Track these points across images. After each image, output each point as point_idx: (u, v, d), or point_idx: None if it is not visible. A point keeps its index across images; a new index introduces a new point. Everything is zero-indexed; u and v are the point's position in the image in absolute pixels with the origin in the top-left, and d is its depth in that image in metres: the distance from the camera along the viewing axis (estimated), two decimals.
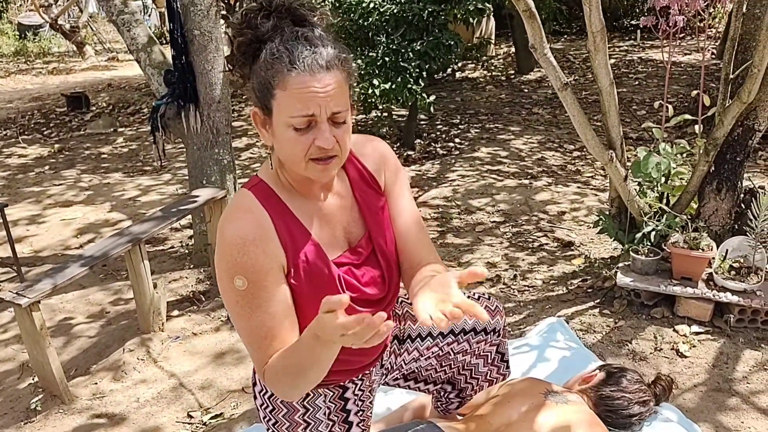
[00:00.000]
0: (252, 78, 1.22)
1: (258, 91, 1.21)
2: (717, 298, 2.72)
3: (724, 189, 2.89)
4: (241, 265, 1.21)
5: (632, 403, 2.02)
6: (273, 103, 1.18)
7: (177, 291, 3.28)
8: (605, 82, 2.63)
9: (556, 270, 3.40)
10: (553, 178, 4.84)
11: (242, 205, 1.27)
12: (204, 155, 3.38)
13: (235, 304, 1.25)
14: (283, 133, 1.18)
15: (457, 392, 1.90)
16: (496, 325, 1.81)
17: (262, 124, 1.24)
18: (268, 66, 1.17)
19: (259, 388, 1.51)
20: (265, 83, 1.18)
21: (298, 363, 1.19)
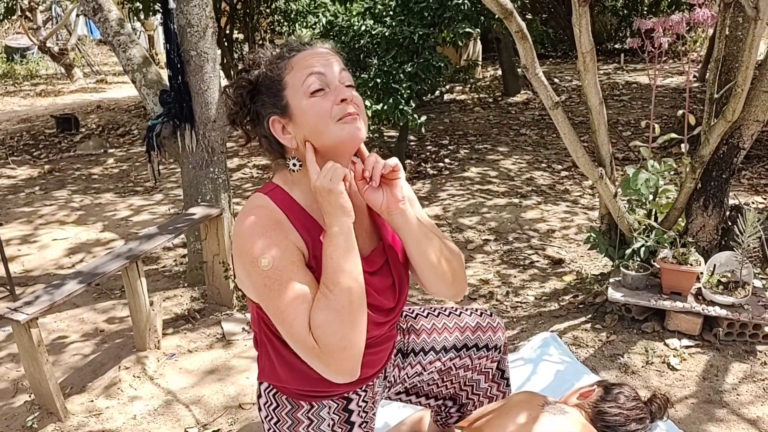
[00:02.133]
0: (257, 105, 1.33)
1: (269, 99, 1.31)
2: (706, 311, 2.77)
3: (710, 206, 2.96)
4: (265, 247, 1.24)
5: (629, 420, 2.05)
6: (286, 93, 1.29)
7: (171, 309, 3.29)
8: (595, 101, 2.70)
9: (547, 286, 3.45)
10: (542, 197, 4.91)
11: (258, 204, 1.32)
12: (199, 174, 3.40)
13: (265, 288, 1.24)
14: (304, 106, 1.27)
15: (458, 407, 1.93)
16: (498, 341, 1.85)
17: (282, 130, 1.31)
18: (271, 71, 1.31)
19: (264, 400, 1.53)
20: (273, 84, 1.31)
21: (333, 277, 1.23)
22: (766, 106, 2.75)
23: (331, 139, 1.28)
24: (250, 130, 1.39)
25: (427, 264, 1.42)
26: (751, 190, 4.77)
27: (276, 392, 1.50)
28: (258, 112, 1.34)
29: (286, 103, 1.30)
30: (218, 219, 3.11)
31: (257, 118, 1.35)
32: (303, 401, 1.48)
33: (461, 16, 5.24)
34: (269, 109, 1.31)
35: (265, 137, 1.36)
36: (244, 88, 1.35)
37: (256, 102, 1.34)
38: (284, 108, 1.30)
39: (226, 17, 8.01)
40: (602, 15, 12.01)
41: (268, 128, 1.33)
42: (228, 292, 3.22)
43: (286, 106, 1.30)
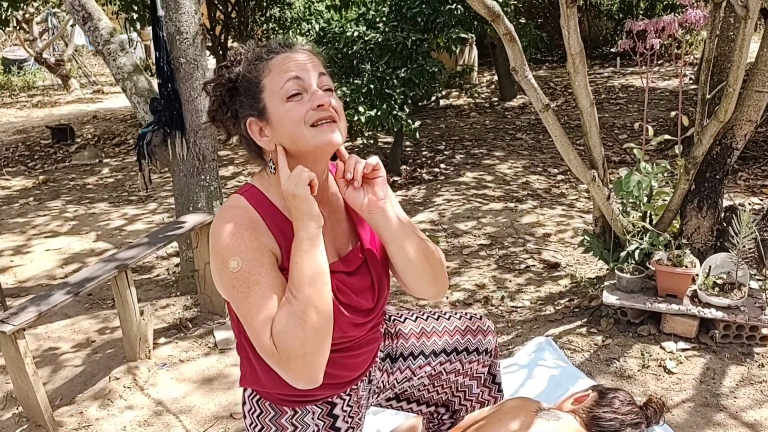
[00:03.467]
0: (235, 105, 1.32)
1: (246, 100, 1.30)
2: (702, 314, 2.75)
3: (705, 207, 2.94)
4: (235, 248, 1.24)
5: (624, 425, 2.02)
6: (263, 96, 1.28)
7: (164, 318, 3.26)
8: (585, 103, 2.68)
9: (543, 291, 3.42)
10: (538, 201, 4.89)
11: (233, 204, 1.31)
12: (190, 182, 3.38)
13: (233, 289, 1.24)
14: (280, 110, 1.27)
15: (450, 414, 1.90)
16: (488, 345, 1.82)
17: (259, 132, 1.30)
18: (249, 71, 1.30)
19: (248, 407, 1.50)
20: (250, 85, 1.29)
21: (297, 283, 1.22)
22: (758, 106, 2.73)
23: (306, 144, 1.27)
24: (231, 127, 1.37)
25: (408, 262, 1.41)
26: (748, 191, 4.75)
27: (259, 398, 1.47)
28: (236, 111, 1.33)
29: (263, 105, 1.29)
30: (209, 226, 3.08)
31: (235, 117, 1.33)
32: (286, 407, 1.45)
33: (454, 21, 5.23)
34: (247, 111, 1.31)
35: (243, 137, 1.35)
36: (223, 86, 1.33)
37: (234, 101, 1.33)
38: (261, 110, 1.29)
39: (221, 25, 8.01)
40: (598, 19, 12.03)
41: (245, 129, 1.32)
42: (220, 300, 3.19)
43: (264, 109, 1.29)
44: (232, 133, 1.38)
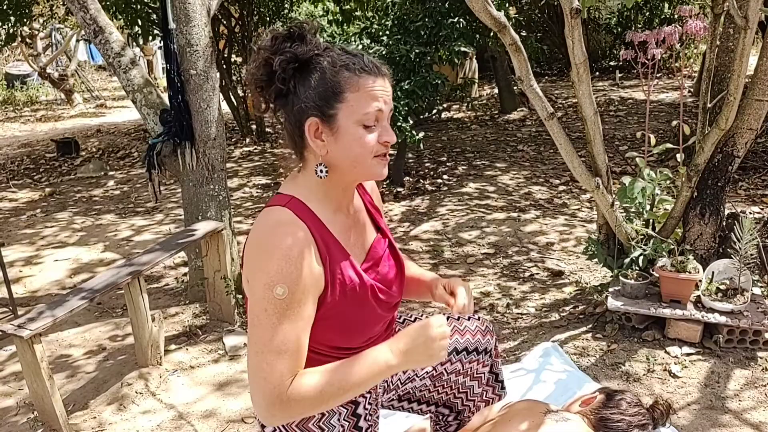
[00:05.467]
0: (298, 92, 1.27)
1: (317, 99, 1.26)
2: (705, 319, 2.79)
3: (707, 214, 2.98)
4: (288, 275, 1.22)
5: (632, 426, 2.05)
6: (339, 107, 1.26)
7: (174, 326, 3.30)
8: (589, 111, 2.74)
9: (548, 298, 3.46)
10: (540, 211, 4.94)
11: (285, 220, 1.27)
12: (199, 192, 3.43)
13: (263, 312, 1.23)
14: (353, 132, 1.26)
15: (455, 415, 1.93)
16: (487, 344, 1.86)
17: (316, 134, 1.28)
18: (333, 74, 1.26)
19: None
20: (330, 90, 1.25)
21: (345, 382, 1.27)
22: (758, 115, 2.79)
23: (364, 172, 1.31)
24: (273, 105, 1.31)
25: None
26: (749, 201, 4.80)
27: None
28: (299, 99, 1.27)
29: (335, 114, 1.26)
30: (219, 235, 3.13)
31: (291, 103, 1.29)
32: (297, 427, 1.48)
33: (457, 35, 5.30)
34: (313, 110, 1.27)
35: (290, 124, 1.31)
36: (290, 62, 1.26)
37: (299, 88, 1.27)
38: (330, 118, 1.26)
39: (225, 40, 8.10)
40: (597, 33, 12.16)
41: (300, 122, 1.29)
42: (229, 307, 3.24)
43: (333, 118, 1.26)
44: (272, 108, 1.33)
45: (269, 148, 7.81)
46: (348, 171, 1.31)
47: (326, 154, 1.29)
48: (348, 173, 1.32)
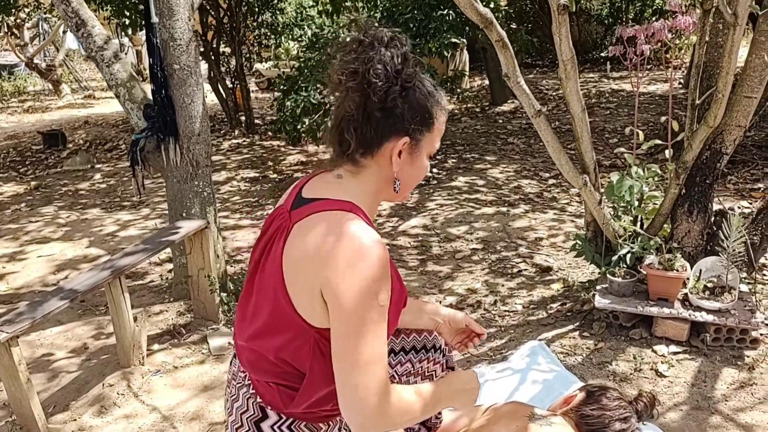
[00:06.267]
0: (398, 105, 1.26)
1: (416, 122, 1.28)
2: (693, 317, 2.77)
3: (695, 211, 2.96)
4: (386, 283, 1.24)
5: (613, 420, 2.03)
6: (426, 135, 1.31)
7: (157, 324, 3.26)
8: (577, 109, 2.70)
9: (535, 295, 3.44)
10: (530, 206, 4.92)
11: (365, 227, 1.26)
12: (184, 188, 3.39)
13: (369, 320, 1.21)
14: (423, 160, 1.34)
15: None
16: (435, 341, 1.83)
17: (396, 152, 1.30)
18: (426, 98, 1.30)
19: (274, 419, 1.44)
20: (427, 116, 1.30)
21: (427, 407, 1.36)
22: (747, 111, 2.77)
23: (404, 194, 1.38)
24: (356, 99, 1.25)
25: None
26: (737, 195, 4.79)
27: (293, 422, 1.41)
28: (395, 113, 1.26)
29: (421, 139, 1.31)
30: (203, 233, 3.09)
31: (387, 115, 1.26)
32: (322, 423, 1.44)
33: (446, 27, 5.26)
34: (409, 129, 1.28)
35: (373, 131, 1.27)
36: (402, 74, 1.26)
37: (398, 100, 1.26)
38: (418, 142, 1.31)
39: (213, 31, 8.02)
40: (588, 24, 12.11)
41: (388, 134, 1.28)
42: (213, 306, 3.20)
43: (419, 143, 1.31)
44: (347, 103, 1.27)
45: (258, 141, 7.75)
46: (383, 190, 1.36)
47: (398, 171, 1.32)
48: (381, 193, 1.36)
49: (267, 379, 1.39)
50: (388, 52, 1.25)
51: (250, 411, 1.42)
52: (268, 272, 1.31)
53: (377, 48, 1.25)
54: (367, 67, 1.23)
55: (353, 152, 1.29)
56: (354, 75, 1.24)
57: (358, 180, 1.33)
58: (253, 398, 1.42)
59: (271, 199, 5.40)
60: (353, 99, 1.25)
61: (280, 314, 1.29)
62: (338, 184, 1.33)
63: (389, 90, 1.24)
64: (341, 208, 1.27)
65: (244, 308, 1.42)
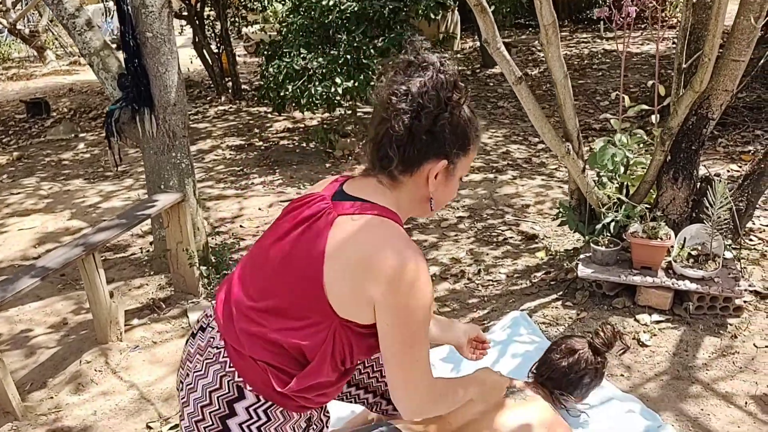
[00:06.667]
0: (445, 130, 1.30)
1: (455, 146, 1.33)
2: (676, 286, 2.74)
3: (680, 178, 2.91)
4: (431, 295, 1.32)
5: (574, 364, 1.98)
6: (462, 160, 1.35)
7: (137, 299, 3.22)
8: (559, 75, 2.63)
9: (520, 263, 3.40)
10: (518, 171, 4.86)
11: (413, 243, 1.32)
12: (161, 159, 3.31)
13: (419, 329, 1.30)
14: (455, 183, 1.39)
15: (386, 401, 1.86)
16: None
17: (434, 174, 1.32)
18: (468, 125, 1.34)
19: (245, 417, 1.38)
20: (465, 141, 1.34)
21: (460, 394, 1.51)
22: (734, 75, 2.69)
23: (430, 213, 1.43)
24: (405, 121, 1.28)
25: None
26: (727, 158, 4.74)
27: (270, 406, 1.38)
28: (439, 136, 1.30)
29: (456, 164, 1.35)
30: (180, 206, 3.03)
31: (431, 135, 1.30)
32: (296, 412, 1.42)
33: None
34: (449, 152, 1.32)
35: (415, 150, 1.30)
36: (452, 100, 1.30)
37: (447, 125, 1.30)
38: (454, 165, 1.35)
39: None
40: None
41: (428, 155, 1.31)
42: (193, 279, 3.16)
43: (455, 167, 1.35)
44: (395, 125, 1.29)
45: (245, 107, 7.63)
46: (414, 208, 1.40)
47: (433, 191, 1.36)
48: (425, 210, 1.41)
49: (259, 358, 1.35)
50: (442, 77, 1.29)
51: (224, 389, 1.37)
52: (301, 256, 1.30)
53: (432, 72, 1.29)
54: (420, 90, 1.27)
55: (393, 168, 1.32)
56: (406, 96, 1.28)
57: (396, 194, 1.36)
58: (229, 377, 1.37)
59: (256, 168, 5.33)
60: (402, 120, 1.27)
61: (306, 299, 1.29)
62: (381, 192, 1.35)
63: (439, 115, 1.28)
64: (389, 216, 1.31)
65: (252, 279, 1.38)
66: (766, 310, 2.82)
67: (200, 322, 1.48)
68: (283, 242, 1.34)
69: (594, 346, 2.03)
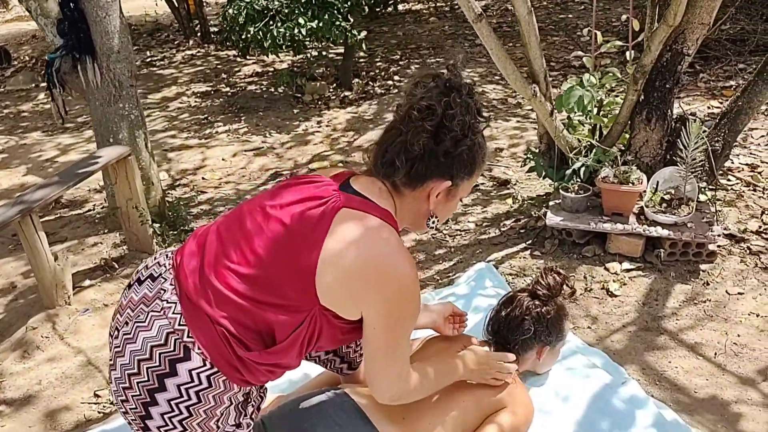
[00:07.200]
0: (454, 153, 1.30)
1: (460, 169, 1.32)
2: (647, 232, 2.63)
3: (653, 118, 2.76)
4: (419, 300, 1.36)
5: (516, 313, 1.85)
6: (464, 182, 1.36)
7: (91, 258, 3.08)
8: (523, 11, 2.44)
9: (489, 211, 3.28)
10: (492, 113, 4.68)
11: (407, 252, 1.32)
12: (108, 111, 3.12)
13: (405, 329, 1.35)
14: (454, 203, 1.41)
15: (340, 359, 1.79)
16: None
17: (435, 193, 1.33)
18: (480, 154, 1.34)
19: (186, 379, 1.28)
20: (471, 166, 1.34)
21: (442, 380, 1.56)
22: (711, 7, 2.52)
23: (424, 227, 1.43)
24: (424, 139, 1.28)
25: None
26: (708, 94, 4.58)
27: (214, 373, 1.28)
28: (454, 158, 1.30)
29: (459, 186, 1.35)
30: (127, 161, 2.86)
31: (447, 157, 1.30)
32: (238, 385, 1.33)
33: None
34: (453, 174, 1.32)
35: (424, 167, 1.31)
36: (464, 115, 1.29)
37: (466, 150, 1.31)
38: (456, 187, 1.35)
39: None
40: None
41: (433, 174, 1.31)
42: (147, 237, 3.02)
43: (457, 188, 1.35)
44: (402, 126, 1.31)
45: (213, 51, 7.32)
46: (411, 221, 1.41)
47: (432, 209, 1.37)
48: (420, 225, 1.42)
49: (221, 322, 1.26)
50: (471, 102, 1.30)
51: (168, 347, 1.26)
52: (300, 235, 1.27)
53: (462, 96, 1.29)
54: (448, 112, 1.27)
55: (396, 178, 1.33)
56: (431, 115, 1.27)
57: (397, 202, 1.36)
58: (177, 335, 1.26)
59: (221, 116, 5.11)
60: (422, 137, 1.27)
61: (294, 279, 1.26)
62: (385, 197, 1.35)
63: (462, 141, 1.29)
64: (389, 221, 1.31)
65: (239, 240, 1.31)
66: (740, 254, 2.72)
67: (150, 269, 1.38)
68: (283, 212, 1.29)
69: (532, 291, 1.88)
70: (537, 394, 1.96)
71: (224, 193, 3.76)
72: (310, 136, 4.58)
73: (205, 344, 1.26)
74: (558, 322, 1.93)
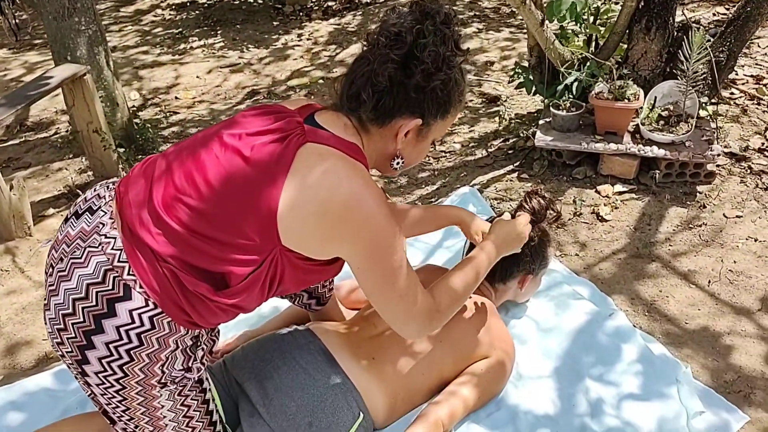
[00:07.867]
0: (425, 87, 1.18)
1: (433, 107, 1.21)
2: (642, 153, 2.46)
3: (654, 27, 2.54)
4: (397, 230, 1.22)
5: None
6: (437, 122, 1.24)
7: (55, 185, 2.92)
8: None
9: (477, 130, 3.09)
10: (484, 24, 4.41)
11: (369, 180, 1.20)
12: (62, 26, 2.87)
13: (394, 262, 1.22)
14: (426, 145, 1.30)
15: (308, 294, 1.70)
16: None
17: (404, 131, 1.22)
18: (456, 89, 1.22)
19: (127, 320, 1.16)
20: (446, 105, 1.23)
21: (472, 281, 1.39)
22: None
23: (398, 171, 1.32)
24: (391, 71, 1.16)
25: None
26: (714, 0, 4.28)
27: (157, 314, 1.17)
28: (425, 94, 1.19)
29: (431, 126, 1.25)
30: (82, 80, 2.64)
31: (417, 92, 1.18)
32: (185, 327, 1.22)
33: None
34: (424, 111, 1.21)
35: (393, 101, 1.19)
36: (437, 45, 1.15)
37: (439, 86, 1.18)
38: (428, 126, 1.24)
39: None
40: None
41: (402, 111, 1.20)
42: (111, 162, 2.84)
43: (429, 128, 1.25)
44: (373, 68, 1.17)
45: None
46: (379, 164, 1.32)
47: (401, 149, 1.27)
48: (386, 167, 1.32)
49: (170, 261, 1.15)
50: (447, 31, 1.17)
51: (106, 285, 1.15)
52: (260, 169, 1.16)
53: (437, 24, 1.16)
54: (420, 41, 1.14)
55: (362, 113, 1.22)
56: (400, 43, 1.15)
57: (364, 140, 1.25)
58: (116, 272, 1.15)
59: (196, 30, 4.81)
60: (388, 68, 1.16)
61: (254, 217, 1.15)
62: (351, 133, 1.24)
63: (434, 75, 1.17)
64: (356, 157, 1.21)
65: (194, 171, 1.19)
66: (740, 175, 2.57)
67: (89, 202, 1.25)
68: (242, 143, 1.18)
69: (516, 216, 1.74)
70: (514, 325, 1.85)
71: (197, 114, 3.55)
72: (290, 50, 4.32)
73: (148, 283, 1.15)
74: (542, 249, 1.80)
